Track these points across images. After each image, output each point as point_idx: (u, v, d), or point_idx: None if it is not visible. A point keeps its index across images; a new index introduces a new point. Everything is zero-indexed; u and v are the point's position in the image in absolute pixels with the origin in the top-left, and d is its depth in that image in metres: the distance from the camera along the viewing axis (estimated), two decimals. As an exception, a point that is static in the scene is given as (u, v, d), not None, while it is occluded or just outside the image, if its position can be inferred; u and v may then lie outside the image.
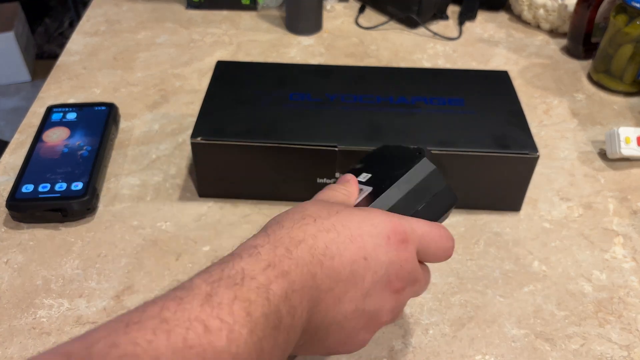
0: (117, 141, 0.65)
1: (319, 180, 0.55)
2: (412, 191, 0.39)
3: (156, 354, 0.24)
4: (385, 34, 0.86)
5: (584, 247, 0.54)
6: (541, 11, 0.85)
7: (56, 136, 0.61)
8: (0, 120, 1.98)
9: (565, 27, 0.84)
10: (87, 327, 0.46)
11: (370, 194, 0.39)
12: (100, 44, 0.82)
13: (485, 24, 0.89)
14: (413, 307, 0.48)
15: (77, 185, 0.55)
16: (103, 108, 0.65)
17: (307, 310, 0.30)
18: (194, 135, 0.53)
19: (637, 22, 0.68)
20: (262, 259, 0.29)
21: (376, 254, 0.33)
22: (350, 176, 0.41)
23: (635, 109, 0.72)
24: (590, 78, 0.77)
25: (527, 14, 0.87)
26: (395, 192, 0.38)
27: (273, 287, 0.28)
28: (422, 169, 0.40)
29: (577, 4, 0.77)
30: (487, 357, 0.45)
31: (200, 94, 0.72)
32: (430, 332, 0.47)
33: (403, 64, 0.79)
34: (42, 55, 2.28)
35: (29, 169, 0.56)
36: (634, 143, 0.61)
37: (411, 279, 0.35)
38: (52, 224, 0.55)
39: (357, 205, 0.38)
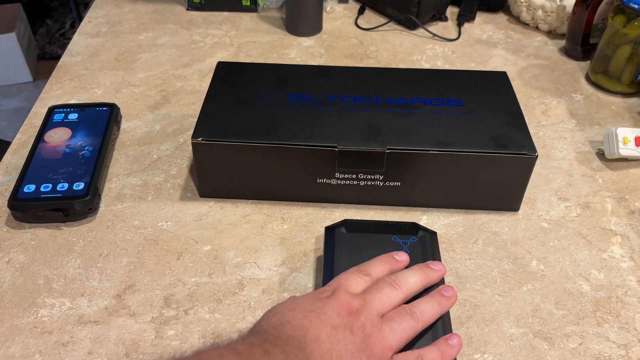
0: (118, 141, 0.65)
1: (319, 180, 0.56)
2: None
3: None
4: (384, 35, 0.86)
5: (582, 247, 0.54)
6: (540, 12, 0.85)
7: (58, 136, 0.61)
8: (2, 121, 1.98)
9: (564, 28, 0.84)
10: (88, 326, 0.47)
11: None
12: (102, 44, 0.83)
13: (484, 25, 0.89)
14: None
15: (79, 185, 0.55)
16: (104, 108, 0.65)
17: None
18: (194, 135, 0.54)
19: (635, 23, 0.69)
20: None
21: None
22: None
23: (633, 110, 0.72)
24: (588, 79, 0.77)
25: (525, 15, 0.87)
26: None
27: None
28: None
29: (576, 5, 0.78)
30: (485, 355, 0.45)
31: (201, 94, 0.73)
32: (429, 330, 0.47)
33: (402, 65, 0.80)
34: (44, 56, 2.28)
35: (31, 169, 0.57)
36: (631, 143, 0.61)
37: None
38: (53, 224, 0.55)
39: None
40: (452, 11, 0.92)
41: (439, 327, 0.43)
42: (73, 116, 0.64)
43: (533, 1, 0.84)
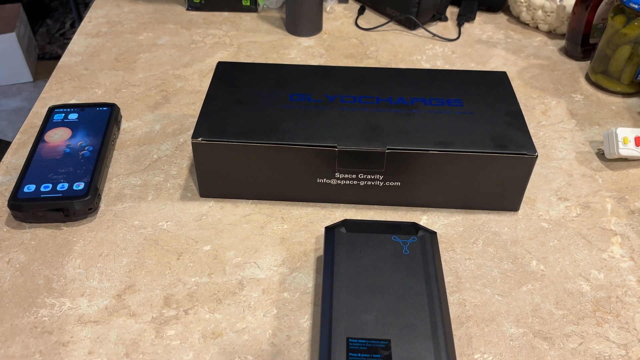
0: (118, 141, 0.65)
1: (319, 180, 0.56)
2: None
3: None
4: (384, 35, 0.86)
5: (582, 247, 0.54)
6: (540, 12, 0.85)
7: (58, 136, 0.61)
8: (2, 121, 1.98)
9: (564, 28, 0.84)
10: (88, 326, 0.47)
11: None
12: (102, 45, 0.83)
13: (484, 25, 0.89)
14: (412, 306, 0.49)
15: (79, 185, 0.55)
16: (105, 108, 0.65)
17: None
18: (194, 135, 0.54)
19: (635, 23, 0.69)
20: None
21: None
22: None
23: (633, 110, 0.72)
24: (588, 79, 0.77)
25: (525, 15, 0.87)
26: None
27: None
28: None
29: (576, 5, 0.78)
30: (485, 355, 0.45)
31: (201, 94, 0.73)
32: (429, 330, 0.47)
33: (402, 65, 0.80)
34: (44, 56, 2.28)
35: (31, 169, 0.57)
36: (631, 143, 0.61)
37: None
38: (54, 224, 0.55)
39: None
40: (452, 11, 0.92)
41: (439, 327, 0.43)
42: (73, 116, 0.64)
43: (533, 1, 0.84)
